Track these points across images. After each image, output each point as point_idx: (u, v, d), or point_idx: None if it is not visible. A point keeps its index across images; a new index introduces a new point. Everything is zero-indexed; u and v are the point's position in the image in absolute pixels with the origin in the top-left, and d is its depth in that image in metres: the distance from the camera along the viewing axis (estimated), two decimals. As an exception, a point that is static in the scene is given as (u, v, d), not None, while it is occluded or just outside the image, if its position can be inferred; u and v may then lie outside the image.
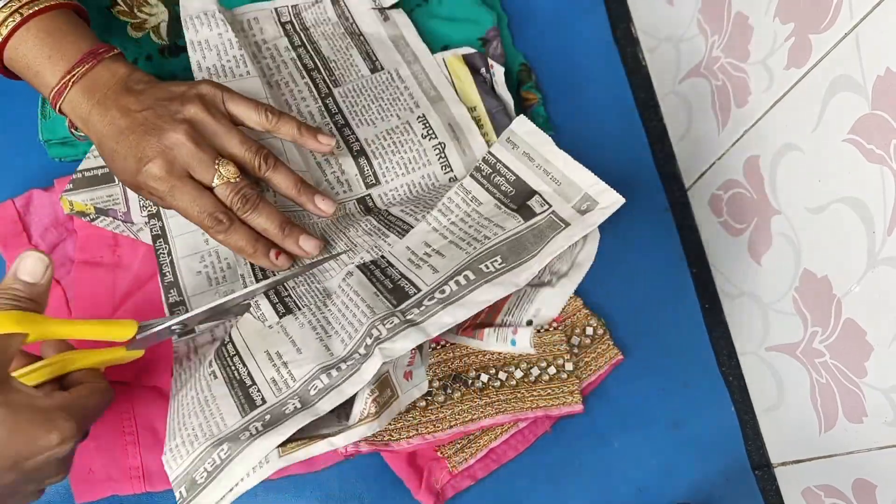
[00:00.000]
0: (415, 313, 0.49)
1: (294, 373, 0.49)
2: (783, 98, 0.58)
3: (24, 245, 0.59)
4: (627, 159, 0.72)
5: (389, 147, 0.62)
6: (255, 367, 0.50)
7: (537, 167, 0.55)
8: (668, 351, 0.67)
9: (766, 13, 0.58)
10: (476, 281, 0.50)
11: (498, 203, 0.55)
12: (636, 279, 0.68)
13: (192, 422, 0.49)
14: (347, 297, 0.52)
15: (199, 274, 0.57)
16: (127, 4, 0.64)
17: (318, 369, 0.49)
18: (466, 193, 0.56)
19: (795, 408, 0.62)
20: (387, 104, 0.64)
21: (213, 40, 0.59)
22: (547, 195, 0.54)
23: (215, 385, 0.51)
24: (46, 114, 0.60)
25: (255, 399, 0.49)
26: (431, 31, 0.69)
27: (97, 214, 0.58)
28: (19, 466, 0.40)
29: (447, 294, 0.50)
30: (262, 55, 0.64)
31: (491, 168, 0.56)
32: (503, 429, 0.61)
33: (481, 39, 0.69)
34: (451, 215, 0.55)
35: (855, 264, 0.53)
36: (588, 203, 0.53)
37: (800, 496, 0.64)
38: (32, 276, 0.44)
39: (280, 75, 0.63)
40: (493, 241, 0.52)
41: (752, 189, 0.63)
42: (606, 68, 0.75)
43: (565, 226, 0.52)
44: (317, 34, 0.66)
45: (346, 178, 0.61)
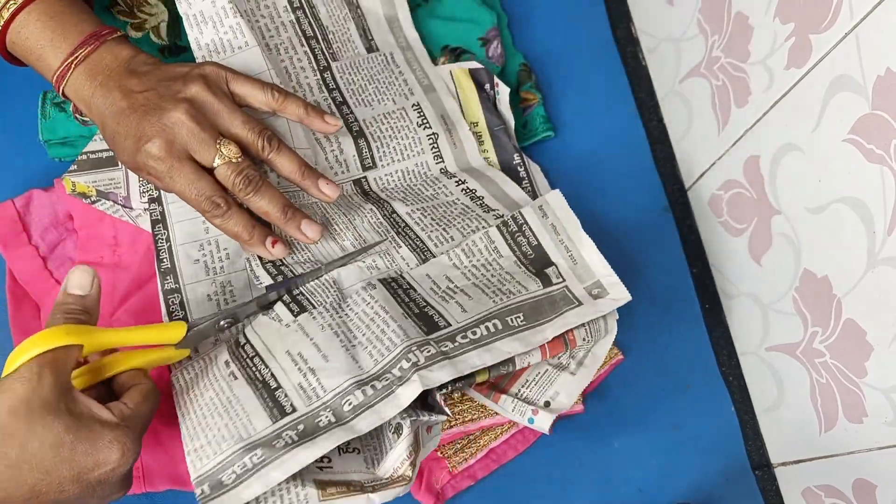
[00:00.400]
0: (448, 347, 0.50)
1: (324, 383, 0.49)
2: (783, 98, 0.58)
3: (24, 245, 0.59)
4: (627, 159, 0.72)
5: (387, 132, 0.63)
6: (280, 370, 0.50)
7: (559, 242, 0.57)
8: (668, 351, 0.67)
9: (766, 13, 0.58)
10: (503, 331, 0.52)
11: (518, 261, 0.56)
12: (636, 279, 0.68)
13: (217, 422, 0.49)
14: (371, 309, 0.52)
15: (196, 262, 0.56)
16: (127, 4, 0.64)
17: (351, 384, 0.49)
18: (490, 242, 0.57)
19: (795, 408, 0.62)
20: (383, 87, 0.64)
21: (207, 10, 0.58)
22: (563, 269, 0.56)
23: (237, 386, 0.50)
24: (46, 114, 0.60)
25: (284, 405, 0.49)
26: (431, 31, 0.69)
27: (98, 197, 0.58)
28: (82, 479, 0.41)
29: (478, 337, 0.51)
30: (261, 13, 0.62)
31: (517, 227, 0.57)
32: (503, 429, 0.61)
33: (481, 39, 0.69)
34: (474, 258, 0.56)
35: (855, 264, 0.53)
36: (599, 290, 0.55)
37: (800, 496, 0.64)
38: (82, 289, 0.45)
39: (279, 39, 0.62)
40: (517, 298, 0.54)
41: (752, 189, 0.63)
42: (606, 68, 0.75)
43: (578, 304, 0.54)
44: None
45: (345, 159, 0.61)
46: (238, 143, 0.52)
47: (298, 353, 0.50)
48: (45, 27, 0.51)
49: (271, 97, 0.54)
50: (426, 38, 0.69)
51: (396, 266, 0.55)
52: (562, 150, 0.70)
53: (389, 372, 0.49)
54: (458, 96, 0.66)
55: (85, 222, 0.59)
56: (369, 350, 0.50)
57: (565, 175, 0.69)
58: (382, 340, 0.50)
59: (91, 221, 0.59)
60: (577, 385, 0.57)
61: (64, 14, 0.52)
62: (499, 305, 0.53)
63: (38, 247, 0.59)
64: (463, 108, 0.66)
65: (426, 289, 0.54)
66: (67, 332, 0.42)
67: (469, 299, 0.53)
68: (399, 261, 0.56)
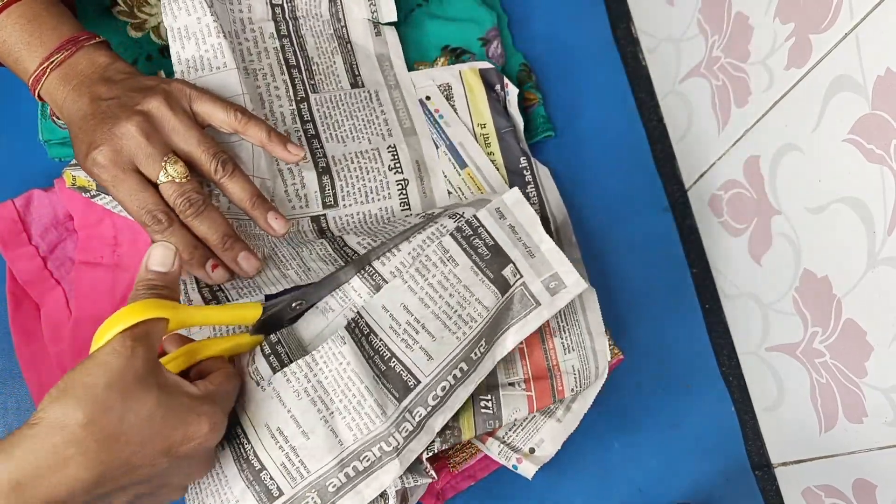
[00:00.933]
0: (420, 413, 0.50)
1: (308, 464, 0.49)
2: (783, 98, 0.58)
3: (24, 245, 0.59)
4: (627, 159, 0.72)
5: (355, 171, 0.61)
6: (261, 447, 0.49)
7: (518, 239, 0.55)
8: (668, 351, 0.67)
9: (766, 13, 0.58)
10: (469, 372, 0.52)
11: (474, 267, 0.54)
12: (636, 279, 0.68)
13: (209, 501, 0.49)
14: (345, 373, 0.50)
15: None
16: (127, 5, 0.64)
17: (334, 465, 0.49)
18: (444, 252, 0.54)
19: (795, 408, 0.62)
20: (360, 124, 0.63)
21: (192, 26, 0.57)
22: (520, 265, 0.54)
23: (224, 459, 0.49)
24: (46, 114, 0.60)
25: (270, 489, 0.48)
26: (431, 31, 0.69)
27: (97, 192, 0.58)
28: (172, 452, 0.41)
29: (446, 391, 0.51)
30: (245, 36, 0.62)
31: (472, 231, 0.55)
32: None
33: (481, 39, 0.69)
34: (429, 275, 0.54)
35: (855, 264, 0.53)
36: (556, 283, 0.54)
37: (800, 496, 0.64)
38: (164, 265, 0.45)
39: (260, 64, 0.62)
40: (479, 324, 0.53)
41: (752, 189, 0.63)
42: (606, 68, 0.75)
43: (536, 304, 0.54)
44: (305, 27, 0.65)
45: (306, 193, 0.60)
46: (190, 163, 0.52)
47: (278, 428, 0.49)
48: (24, 30, 0.51)
49: (234, 118, 0.53)
50: (426, 38, 0.69)
51: (350, 302, 0.54)
52: (562, 150, 0.70)
53: (370, 451, 0.49)
54: (467, 96, 0.66)
55: (85, 222, 0.59)
56: (347, 422, 0.50)
57: (565, 175, 0.69)
58: (360, 413, 0.50)
59: (91, 222, 0.59)
60: (564, 431, 0.56)
61: (42, 17, 0.52)
62: (462, 342, 0.52)
63: (38, 247, 0.59)
64: (471, 109, 0.66)
65: (385, 328, 0.52)
66: (156, 305, 0.43)
67: (433, 341, 0.52)
68: (352, 294, 0.54)
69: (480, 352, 0.53)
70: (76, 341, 0.57)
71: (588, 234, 0.68)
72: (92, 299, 0.58)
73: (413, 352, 0.51)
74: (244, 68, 0.60)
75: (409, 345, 0.52)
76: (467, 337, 0.52)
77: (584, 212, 0.69)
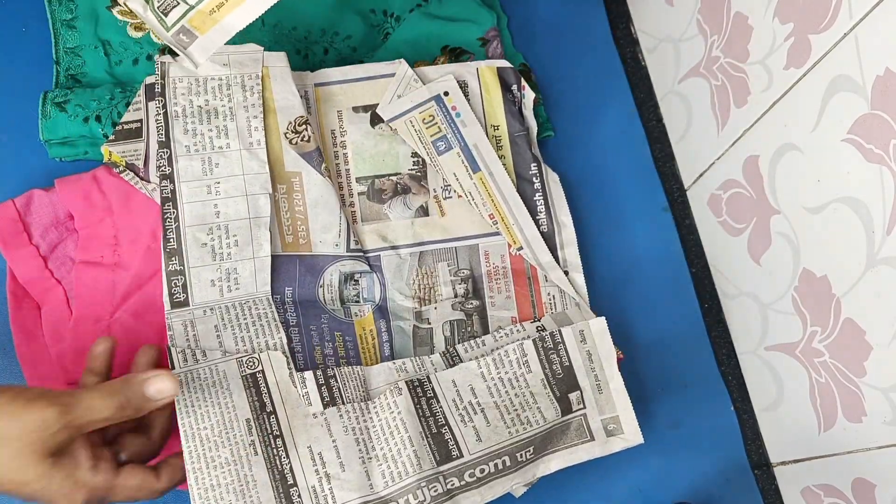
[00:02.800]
0: (454, 484, 0.52)
1: (336, 495, 0.50)
2: (782, 98, 0.58)
3: (25, 245, 0.59)
4: (627, 159, 0.72)
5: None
6: (298, 465, 0.51)
7: (591, 369, 0.57)
8: (668, 351, 0.67)
9: (766, 13, 0.58)
10: (510, 468, 0.53)
11: (545, 380, 0.56)
12: (636, 279, 0.68)
13: (230, 499, 0.49)
14: (394, 421, 0.53)
15: (203, 246, 0.56)
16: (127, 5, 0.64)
17: (359, 503, 0.50)
18: (522, 355, 0.56)
19: (795, 407, 0.62)
20: None
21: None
22: (586, 396, 0.56)
23: (255, 465, 0.50)
24: (47, 113, 0.60)
25: None
26: (431, 31, 0.69)
27: (125, 168, 0.58)
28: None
29: (484, 475, 0.52)
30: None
31: (553, 345, 0.57)
32: (503, 428, 0.61)
33: (481, 39, 0.69)
34: (502, 370, 0.56)
35: (854, 264, 0.53)
36: (615, 426, 0.56)
37: (799, 496, 0.64)
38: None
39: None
40: (532, 430, 0.55)
41: (751, 189, 0.63)
42: (606, 68, 0.75)
43: (590, 438, 0.56)
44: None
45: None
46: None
47: (319, 452, 0.51)
48: None
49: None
50: (426, 39, 0.69)
51: (425, 370, 0.56)
52: (561, 150, 0.71)
53: (396, 501, 0.51)
54: (482, 95, 0.65)
55: (85, 222, 0.59)
56: (383, 469, 0.52)
57: (565, 175, 0.69)
58: (397, 462, 0.51)
59: (91, 221, 0.59)
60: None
61: None
62: (513, 438, 0.54)
63: (38, 247, 0.59)
64: (485, 109, 0.65)
65: (449, 400, 0.54)
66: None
67: (487, 426, 0.54)
68: (427, 364, 0.56)
69: (527, 457, 0.54)
70: (77, 341, 0.57)
71: (587, 233, 0.68)
72: (92, 299, 0.58)
73: (466, 428, 0.54)
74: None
75: (465, 421, 0.54)
76: (520, 436, 0.54)
77: (584, 212, 0.69)
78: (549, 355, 0.57)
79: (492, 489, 0.53)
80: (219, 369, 0.53)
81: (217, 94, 0.58)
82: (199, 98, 0.58)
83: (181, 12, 0.47)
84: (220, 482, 0.49)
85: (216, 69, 0.58)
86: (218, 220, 0.56)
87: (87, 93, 0.61)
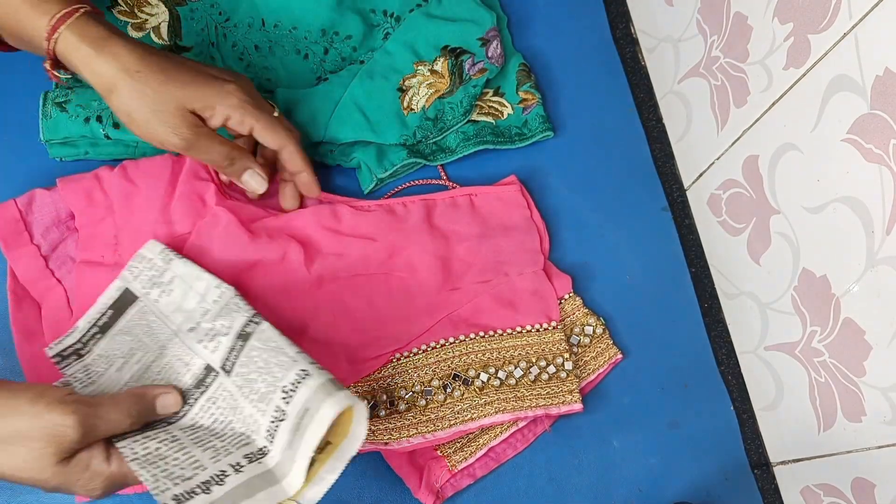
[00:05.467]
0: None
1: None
2: (782, 98, 0.58)
3: (26, 244, 0.59)
4: (626, 159, 0.72)
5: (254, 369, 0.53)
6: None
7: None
8: (668, 350, 0.67)
9: (765, 13, 0.58)
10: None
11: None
12: (635, 278, 0.68)
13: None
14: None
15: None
16: (127, 5, 0.64)
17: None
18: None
19: (794, 407, 0.62)
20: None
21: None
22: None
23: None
24: (48, 114, 0.60)
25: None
26: (430, 31, 0.69)
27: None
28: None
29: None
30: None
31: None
32: (503, 428, 0.61)
33: (481, 39, 0.69)
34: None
35: (854, 264, 0.53)
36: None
37: (799, 495, 0.64)
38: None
39: None
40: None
41: (750, 189, 0.63)
42: (606, 68, 0.75)
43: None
44: None
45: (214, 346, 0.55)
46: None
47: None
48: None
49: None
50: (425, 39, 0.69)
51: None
52: (561, 150, 0.71)
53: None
54: None
55: (86, 221, 0.59)
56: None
57: (565, 175, 0.70)
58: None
59: (92, 221, 0.59)
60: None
61: None
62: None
63: (39, 246, 0.59)
64: None
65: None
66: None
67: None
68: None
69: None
70: (77, 340, 0.57)
71: (587, 233, 0.68)
72: (93, 298, 0.58)
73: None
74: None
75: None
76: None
77: (584, 211, 0.69)
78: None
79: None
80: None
81: None
82: None
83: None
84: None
85: None
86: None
87: (88, 93, 0.61)
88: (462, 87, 0.68)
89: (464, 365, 0.61)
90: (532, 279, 0.65)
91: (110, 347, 0.55)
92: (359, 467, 0.60)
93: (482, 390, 0.60)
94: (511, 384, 0.61)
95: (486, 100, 0.70)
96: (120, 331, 0.56)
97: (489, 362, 0.61)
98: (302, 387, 0.49)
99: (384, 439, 0.58)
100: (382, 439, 0.58)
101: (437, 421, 0.59)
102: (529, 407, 0.60)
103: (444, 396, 0.60)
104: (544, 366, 0.62)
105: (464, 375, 0.61)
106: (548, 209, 0.68)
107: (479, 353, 0.62)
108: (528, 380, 0.61)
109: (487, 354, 0.62)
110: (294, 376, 0.50)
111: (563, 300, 0.65)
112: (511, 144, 0.69)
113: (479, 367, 0.61)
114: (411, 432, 0.58)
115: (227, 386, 0.52)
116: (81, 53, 0.51)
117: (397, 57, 0.68)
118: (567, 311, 0.65)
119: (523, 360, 0.62)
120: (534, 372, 0.61)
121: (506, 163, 0.69)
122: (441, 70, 0.68)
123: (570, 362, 0.62)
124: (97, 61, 0.51)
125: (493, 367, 0.61)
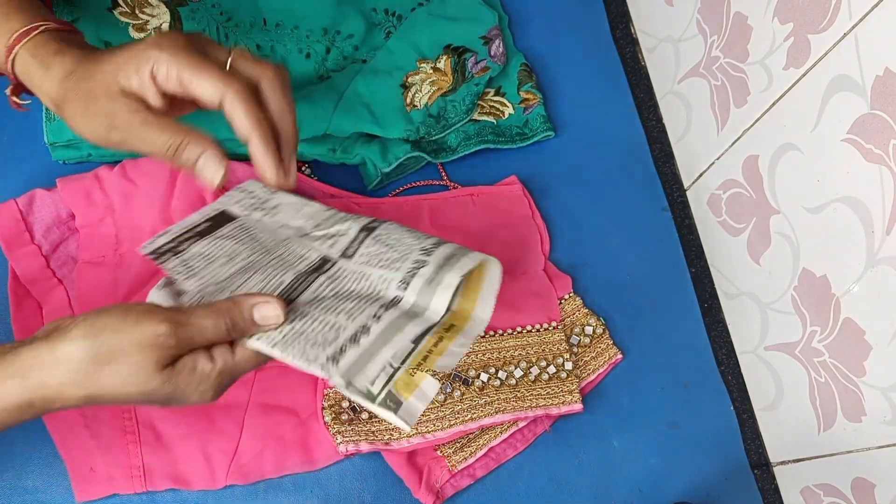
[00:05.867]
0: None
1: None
2: (782, 98, 0.58)
3: (27, 244, 0.59)
4: (627, 159, 0.72)
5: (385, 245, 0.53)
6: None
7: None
8: (668, 350, 0.67)
9: (765, 13, 0.58)
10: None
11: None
12: (635, 279, 0.69)
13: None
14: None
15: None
16: (128, 6, 0.65)
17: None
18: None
19: (794, 407, 0.62)
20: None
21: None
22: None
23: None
24: (51, 116, 0.60)
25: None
26: (433, 30, 0.69)
27: None
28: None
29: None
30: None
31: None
32: (503, 428, 0.61)
33: (483, 38, 0.70)
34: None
35: (854, 264, 0.53)
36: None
37: (799, 495, 0.64)
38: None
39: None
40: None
41: (750, 189, 0.63)
42: (606, 68, 0.75)
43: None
44: None
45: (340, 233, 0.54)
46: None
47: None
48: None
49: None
50: (427, 38, 0.69)
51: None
52: (562, 150, 0.71)
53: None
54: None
55: (87, 221, 0.59)
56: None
57: (565, 175, 0.70)
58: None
59: (93, 221, 0.59)
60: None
61: None
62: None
63: (40, 246, 0.59)
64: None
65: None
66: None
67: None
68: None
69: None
70: (77, 340, 0.57)
71: (587, 233, 0.68)
72: (94, 298, 0.58)
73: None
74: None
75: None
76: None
77: (584, 211, 0.69)
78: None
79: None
80: None
81: None
82: None
83: (386, 377, 0.47)
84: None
85: None
86: None
87: (89, 93, 0.61)
88: (465, 84, 0.68)
89: (464, 365, 0.61)
90: (532, 279, 0.65)
91: (209, 248, 0.51)
92: (359, 467, 0.60)
93: (482, 390, 0.60)
94: (511, 384, 0.61)
95: (488, 99, 0.70)
96: (218, 236, 0.52)
97: (489, 362, 0.61)
98: (442, 246, 0.48)
99: (384, 439, 0.58)
100: (383, 439, 0.58)
101: (438, 421, 0.59)
102: (529, 407, 0.60)
103: (444, 397, 0.60)
104: (544, 366, 0.62)
105: (464, 375, 0.61)
106: (548, 209, 0.68)
107: (480, 353, 0.62)
108: (528, 380, 0.61)
109: (487, 354, 0.62)
110: (432, 242, 0.49)
111: (564, 300, 0.65)
112: (512, 144, 0.69)
113: (480, 367, 0.61)
114: (411, 432, 0.58)
115: (348, 266, 0.50)
116: (31, 72, 0.47)
117: (400, 55, 0.68)
118: (567, 311, 0.65)
119: (523, 360, 0.62)
120: (534, 372, 0.61)
121: (506, 163, 0.69)
122: (444, 68, 0.68)
123: (571, 362, 0.62)
124: (43, 78, 0.47)
125: (494, 367, 0.61)
